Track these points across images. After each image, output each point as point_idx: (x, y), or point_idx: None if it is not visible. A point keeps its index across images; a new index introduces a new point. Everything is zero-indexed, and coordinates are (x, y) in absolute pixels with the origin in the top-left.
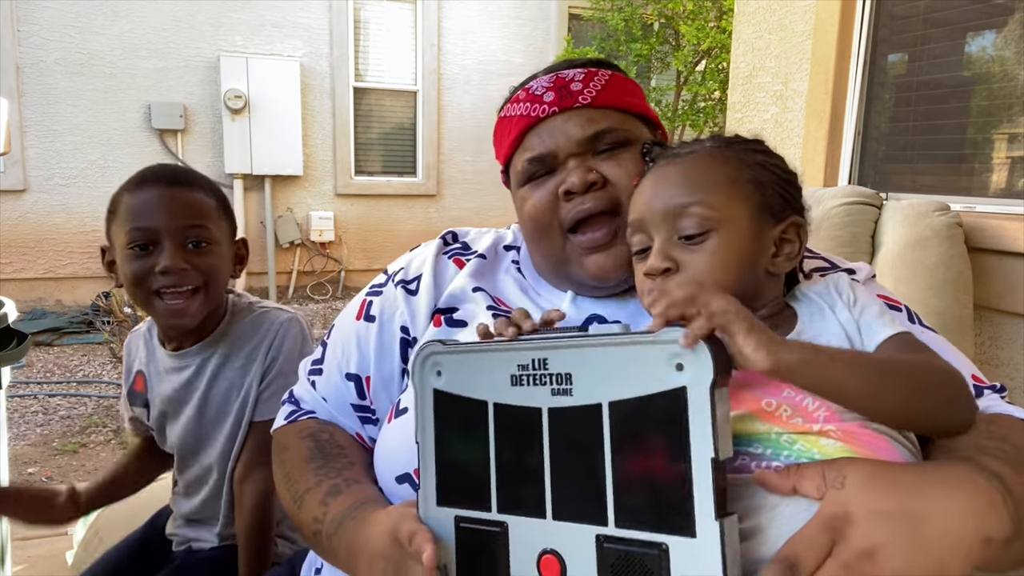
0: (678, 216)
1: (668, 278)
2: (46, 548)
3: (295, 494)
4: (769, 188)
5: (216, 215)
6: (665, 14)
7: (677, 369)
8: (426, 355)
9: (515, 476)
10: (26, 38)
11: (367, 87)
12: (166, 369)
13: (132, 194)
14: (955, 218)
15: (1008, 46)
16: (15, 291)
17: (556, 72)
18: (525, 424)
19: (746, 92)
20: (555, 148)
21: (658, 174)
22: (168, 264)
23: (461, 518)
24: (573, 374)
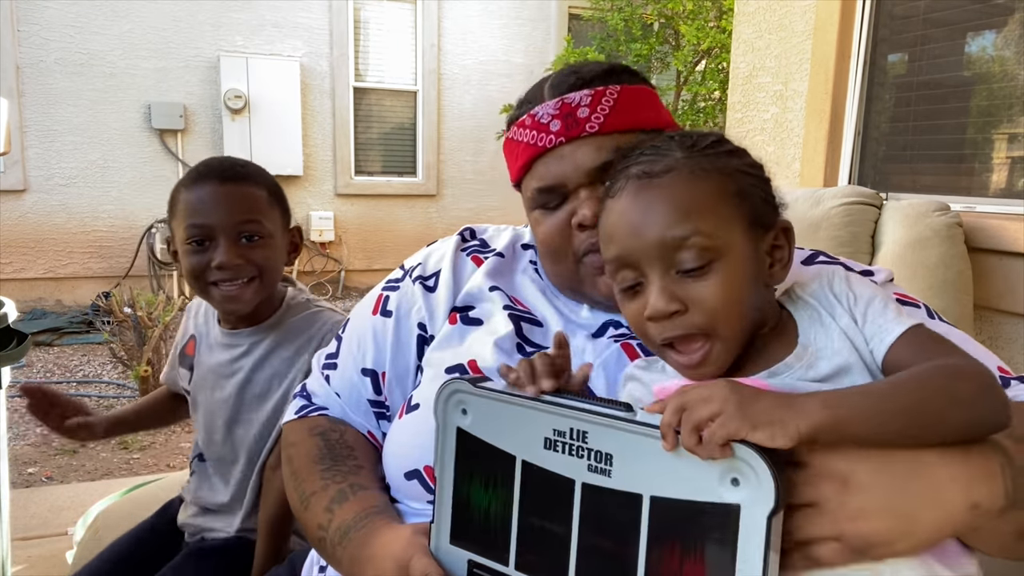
0: (675, 249)
1: (674, 321)
2: (46, 548)
3: (302, 495)
4: (754, 196)
5: (268, 207)
6: (665, 14)
7: (732, 483)
8: (452, 391)
9: (538, 539)
10: (26, 38)
11: (367, 87)
12: (218, 343)
13: (189, 190)
14: (955, 218)
15: (1008, 46)
16: (15, 291)
17: (562, 97)
18: (555, 491)
19: (746, 92)
20: (563, 179)
21: (639, 200)
22: (223, 260)
23: (475, 564)
24: (614, 456)
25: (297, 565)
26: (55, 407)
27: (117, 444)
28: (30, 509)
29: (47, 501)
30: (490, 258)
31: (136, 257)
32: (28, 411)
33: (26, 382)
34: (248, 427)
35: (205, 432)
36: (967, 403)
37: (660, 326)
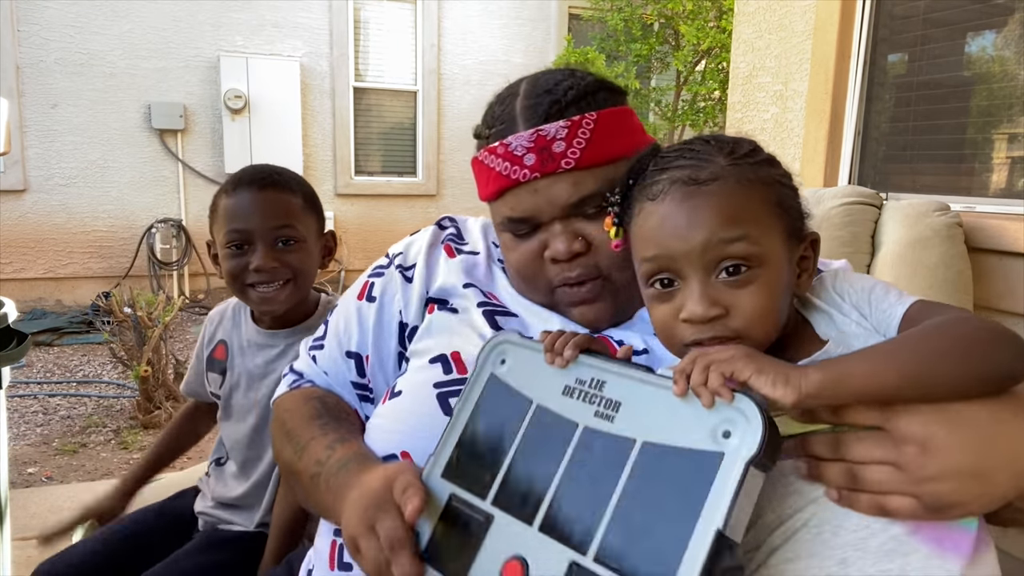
0: (720, 252)
1: (714, 325)
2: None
3: (297, 445)
4: (792, 207)
5: (303, 213)
6: (665, 14)
7: (724, 436)
8: (499, 341)
9: (522, 477)
10: (26, 38)
11: (367, 87)
12: (254, 343)
13: (229, 196)
14: (955, 218)
15: (1008, 46)
16: (15, 291)
17: (537, 129)
18: (557, 433)
19: (746, 92)
20: (537, 212)
21: (685, 204)
22: (260, 264)
23: (455, 496)
24: (623, 403)
25: (295, 565)
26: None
27: (117, 444)
28: (30, 509)
29: (47, 501)
30: (464, 255)
31: (136, 257)
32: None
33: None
34: None
35: (234, 434)
36: (984, 344)
37: (696, 328)
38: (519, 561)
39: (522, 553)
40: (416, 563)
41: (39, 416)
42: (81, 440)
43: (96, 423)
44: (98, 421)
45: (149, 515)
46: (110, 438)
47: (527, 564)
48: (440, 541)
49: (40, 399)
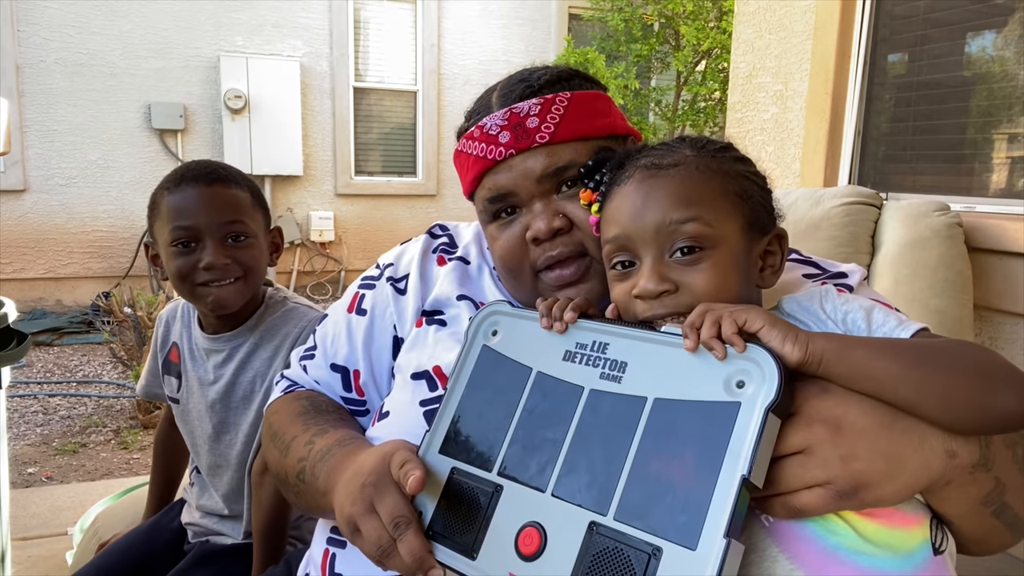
0: (672, 233)
1: (663, 300)
2: (46, 548)
3: (282, 445)
4: (755, 200)
5: (252, 208)
6: (665, 14)
7: (738, 386)
8: (490, 312)
9: (529, 445)
10: (26, 38)
11: (367, 87)
12: (202, 348)
13: (172, 193)
14: (955, 218)
15: (1008, 46)
16: (15, 291)
17: (510, 107)
18: (561, 399)
19: (746, 92)
20: (515, 189)
21: (643, 186)
22: (211, 260)
23: (456, 469)
24: (629, 363)
25: (293, 565)
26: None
27: (117, 444)
28: (30, 509)
29: (47, 501)
30: (455, 263)
31: (136, 257)
32: None
33: None
34: (235, 432)
35: (193, 442)
36: (986, 370)
37: (648, 304)
38: (535, 527)
39: (537, 519)
40: (423, 540)
41: (39, 416)
42: (81, 440)
43: (96, 423)
44: (98, 421)
45: (143, 533)
46: (110, 438)
47: (544, 529)
48: (446, 516)
49: (40, 399)
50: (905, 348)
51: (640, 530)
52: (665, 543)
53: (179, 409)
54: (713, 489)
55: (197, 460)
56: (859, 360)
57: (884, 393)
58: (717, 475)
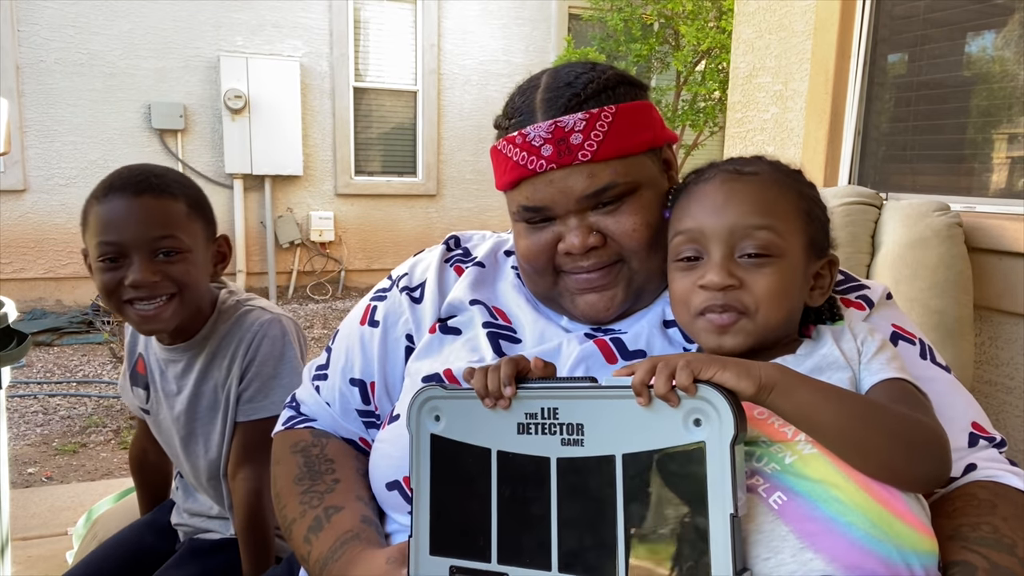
0: (746, 235)
1: (727, 293)
2: (46, 548)
3: (285, 520)
4: (818, 223)
5: (187, 220)
6: (665, 14)
7: (695, 424)
8: (424, 399)
9: (518, 526)
10: (26, 38)
11: (367, 87)
12: (162, 359)
13: (100, 204)
14: (955, 218)
15: (1008, 46)
16: (15, 291)
17: (555, 120)
18: (531, 473)
19: (746, 92)
20: (552, 203)
21: (725, 188)
22: (137, 278)
23: (457, 568)
24: (585, 425)
25: (295, 564)
26: None
27: (117, 444)
28: (30, 509)
29: (47, 501)
30: (470, 268)
31: None
32: None
33: None
34: (205, 440)
35: (171, 451)
36: (918, 449)
37: (710, 295)
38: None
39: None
40: None
41: (39, 416)
42: (81, 440)
43: (96, 423)
44: (98, 421)
45: (137, 531)
46: (110, 438)
47: None
48: None
49: (40, 399)
50: (850, 402)
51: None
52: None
53: (152, 420)
54: (708, 534)
55: (178, 467)
56: (803, 400)
57: (816, 435)
58: (707, 519)
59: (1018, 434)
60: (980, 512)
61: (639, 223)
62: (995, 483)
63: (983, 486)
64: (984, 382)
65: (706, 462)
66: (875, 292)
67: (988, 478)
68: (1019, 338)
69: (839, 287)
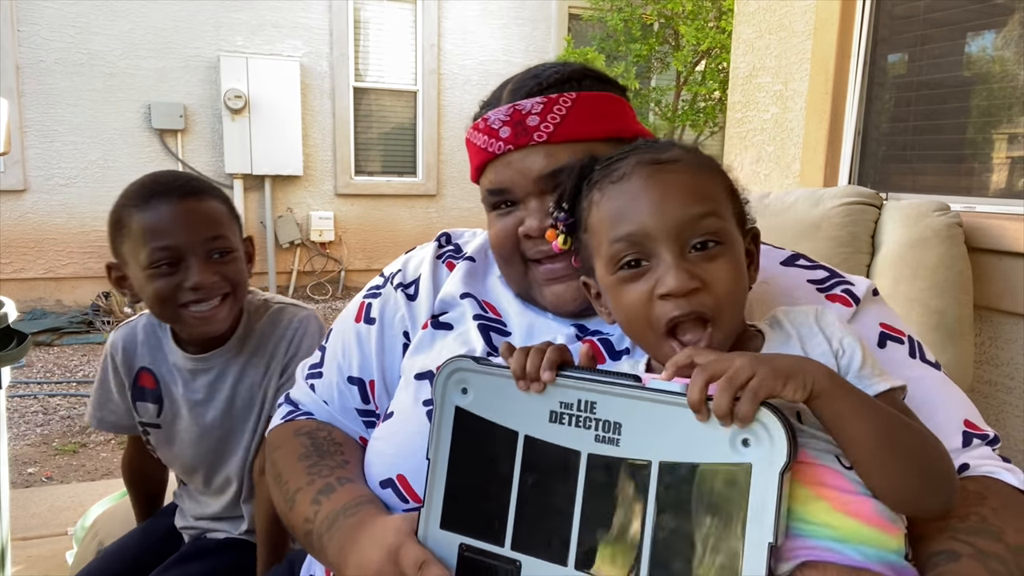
0: (692, 227)
1: (691, 299)
2: (46, 548)
3: (287, 494)
4: (738, 196)
5: (229, 220)
6: (665, 14)
7: (743, 444)
8: (453, 369)
9: (537, 515)
10: (26, 38)
11: (367, 87)
12: (186, 370)
13: (143, 211)
14: (955, 218)
15: (1008, 46)
16: (15, 291)
17: (514, 104)
18: (559, 464)
19: (746, 92)
20: (511, 185)
21: (655, 181)
22: (199, 280)
23: (467, 547)
24: (623, 424)
25: (296, 565)
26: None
27: (117, 444)
28: (30, 509)
29: (47, 501)
30: (461, 263)
31: None
32: None
33: None
34: (238, 442)
35: (183, 464)
36: (932, 470)
37: (675, 303)
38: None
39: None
40: None
41: (39, 416)
42: (81, 440)
43: None
44: None
45: (135, 538)
46: (110, 438)
47: None
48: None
49: (40, 399)
50: (884, 420)
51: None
52: None
53: (161, 434)
54: (740, 559)
55: (189, 481)
56: (843, 411)
57: (845, 448)
58: (743, 543)
59: (1018, 434)
60: (969, 504)
61: None
62: (986, 477)
63: (974, 479)
64: (984, 382)
65: (750, 486)
66: (860, 287)
67: (981, 475)
68: (1019, 338)
69: (821, 284)
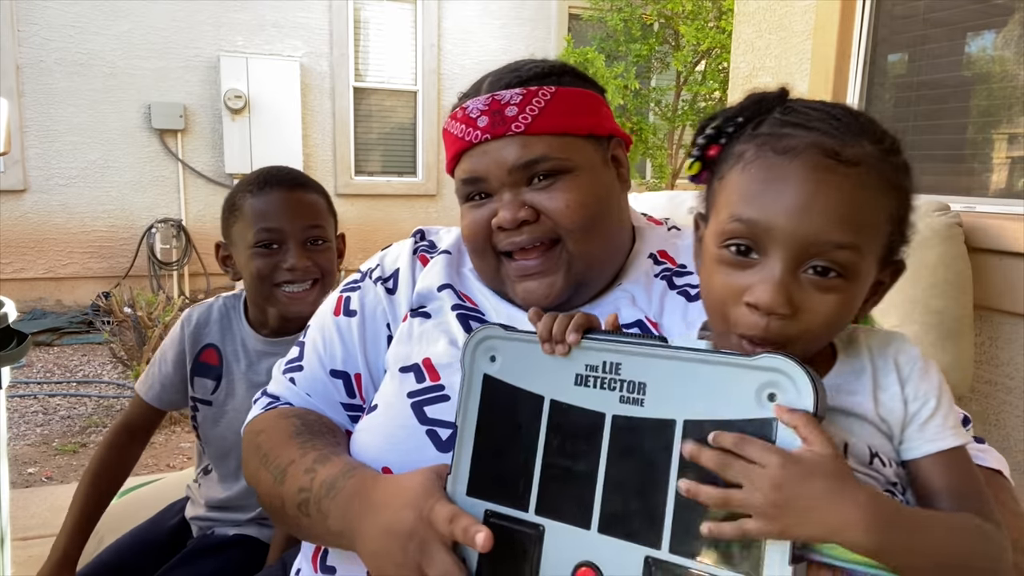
0: (821, 252)
1: (771, 323)
2: (46, 548)
3: (276, 469)
4: (903, 224)
5: (327, 214)
6: (665, 14)
7: (769, 398)
8: (482, 337)
9: (561, 479)
10: (26, 38)
11: (367, 87)
12: (256, 351)
13: (256, 196)
14: (955, 218)
15: (1008, 46)
16: (15, 291)
17: (493, 94)
18: (583, 427)
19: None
20: (486, 175)
21: (814, 179)
22: (294, 263)
23: (492, 512)
24: (648, 384)
25: (288, 563)
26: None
27: None
28: (30, 509)
29: (47, 501)
30: (437, 256)
31: (136, 257)
32: None
33: None
34: None
35: (225, 440)
36: (983, 570)
37: (753, 320)
38: (589, 567)
39: (590, 559)
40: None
41: (39, 416)
42: (81, 440)
43: (96, 423)
44: (98, 421)
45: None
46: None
47: (599, 569)
48: (493, 564)
49: (40, 399)
50: (946, 554)
51: (699, 563)
52: (728, 574)
53: (211, 411)
54: None
55: (220, 464)
56: (899, 566)
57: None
58: None
59: (1018, 434)
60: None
61: (573, 201)
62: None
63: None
64: (984, 382)
65: (776, 440)
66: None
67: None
68: (1019, 338)
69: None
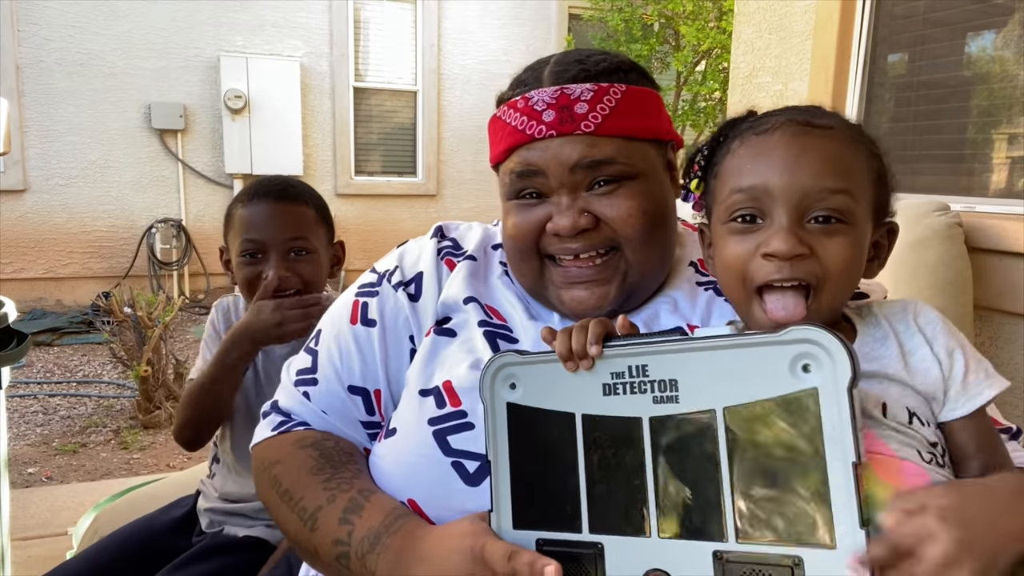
0: (819, 199)
1: (794, 264)
2: (46, 548)
3: (304, 514)
4: (885, 186)
5: (315, 225)
6: (665, 15)
7: (804, 370)
8: (499, 366)
9: (610, 492)
10: (26, 38)
11: (367, 87)
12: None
13: (246, 206)
14: (955, 218)
15: (1008, 46)
16: (15, 291)
17: (562, 87)
18: (622, 435)
19: (746, 92)
20: (546, 171)
21: (796, 143)
22: (272, 274)
23: (544, 541)
24: (679, 380)
25: (294, 564)
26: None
27: (117, 444)
28: (30, 509)
29: (47, 501)
30: (463, 262)
31: (136, 257)
32: None
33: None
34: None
35: (241, 428)
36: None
37: (776, 266)
38: (660, 573)
39: (656, 565)
40: None
41: (39, 416)
42: (81, 440)
43: (96, 423)
44: (98, 421)
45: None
46: (110, 438)
47: (668, 575)
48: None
49: (40, 399)
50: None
51: (769, 545)
52: (802, 550)
53: (240, 402)
54: (828, 484)
55: (235, 453)
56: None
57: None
58: (825, 469)
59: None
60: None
61: (635, 209)
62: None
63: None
64: None
65: (820, 410)
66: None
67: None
68: (1019, 338)
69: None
